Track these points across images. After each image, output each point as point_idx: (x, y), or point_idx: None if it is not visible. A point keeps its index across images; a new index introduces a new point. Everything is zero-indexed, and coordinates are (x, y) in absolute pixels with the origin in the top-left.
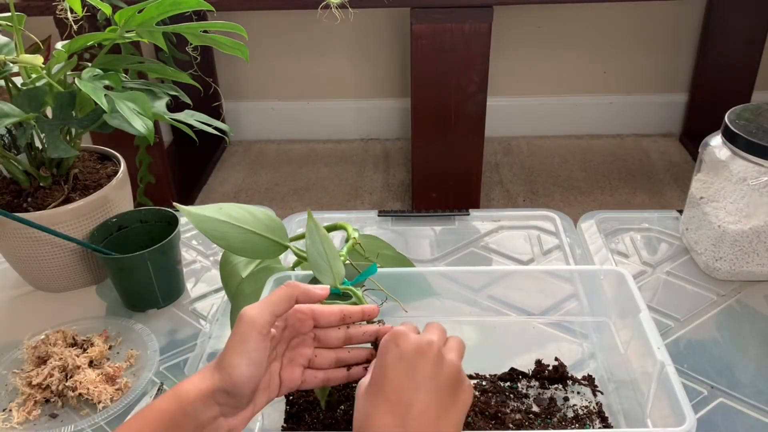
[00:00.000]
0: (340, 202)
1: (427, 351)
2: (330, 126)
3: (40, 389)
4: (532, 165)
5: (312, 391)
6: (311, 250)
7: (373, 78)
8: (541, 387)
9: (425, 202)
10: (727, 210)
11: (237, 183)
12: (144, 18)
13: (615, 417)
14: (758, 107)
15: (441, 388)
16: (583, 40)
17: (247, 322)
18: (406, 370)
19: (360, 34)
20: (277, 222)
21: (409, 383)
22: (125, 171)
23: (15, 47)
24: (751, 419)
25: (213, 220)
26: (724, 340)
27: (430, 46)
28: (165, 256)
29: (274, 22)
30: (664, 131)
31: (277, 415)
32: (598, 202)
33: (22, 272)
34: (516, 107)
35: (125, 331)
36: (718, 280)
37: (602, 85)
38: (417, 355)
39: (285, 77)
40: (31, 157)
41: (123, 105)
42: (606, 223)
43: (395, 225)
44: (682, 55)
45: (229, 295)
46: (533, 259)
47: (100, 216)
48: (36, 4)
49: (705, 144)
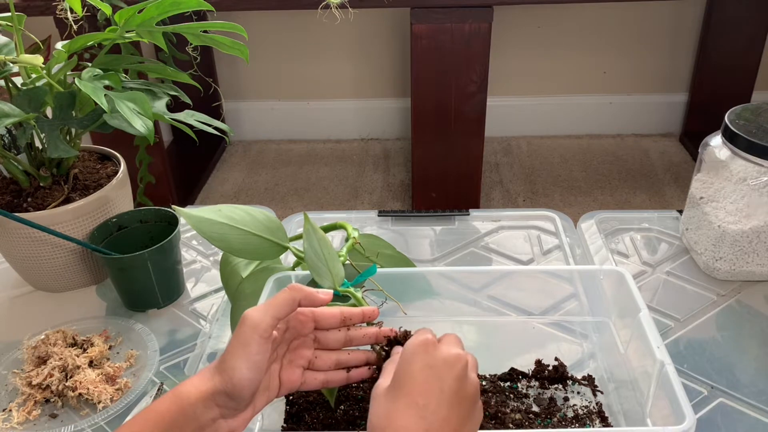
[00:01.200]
0: (340, 202)
1: (454, 365)
2: (330, 126)
3: (40, 389)
4: (532, 165)
5: (312, 391)
6: (309, 253)
7: (373, 78)
8: (541, 387)
9: (425, 202)
10: (727, 210)
11: (237, 183)
12: (144, 18)
13: (615, 417)
14: (758, 107)
15: (462, 402)
16: (583, 40)
17: (249, 325)
18: (434, 378)
19: (360, 34)
20: (276, 222)
21: (436, 392)
22: (125, 171)
23: (15, 47)
24: (751, 419)
25: (212, 222)
26: (724, 340)
27: (430, 46)
28: (165, 256)
29: (274, 22)
30: (664, 131)
31: (277, 415)
32: (598, 202)
33: (22, 272)
34: (516, 107)
35: (125, 331)
36: (718, 280)
37: (602, 85)
38: (445, 367)
39: (285, 77)
40: (31, 157)
41: (123, 105)
42: (606, 223)
43: (395, 225)
44: (682, 55)
45: (230, 295)
46: (533, 259)
47: (100, 216)
48: (36, 4)
49: (705, 144)
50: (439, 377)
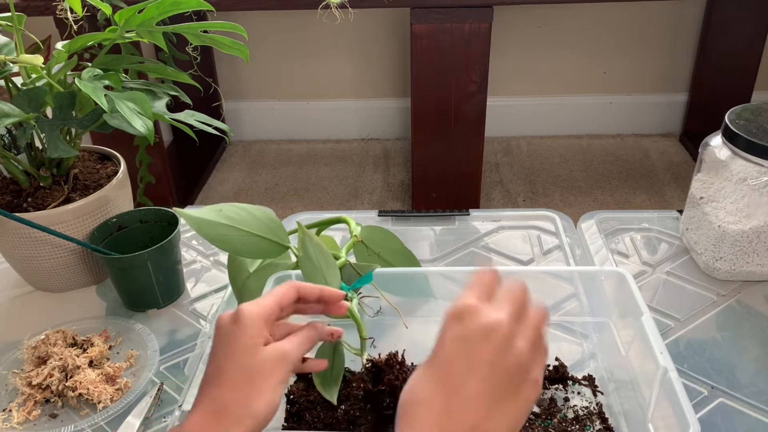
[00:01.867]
0: (340, 202)
1: (492, 334)
2: (330, 126)
3: (40, 389)
4: (532, 165)
5: (313, 390)
6: (305, 263)
7: (373, 78)
8: (542, 387)
9: (425, 202)
10: (727, 210)
11: (237, 183)
12: (144, 18)
13: (615, 417)
14: (758, 107)
15: (500, 376)
16: (583, 40)
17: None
18: (464, 351)
19: (360, 34)
20: (276, 222)
21: (464, 365)
22: (125, 171)
23: (15, 47)
24: (751, 419)
25: (212, 223)
26: (724, 340)
27: (430, 46)
28: (165, 256)
29: (274, 22)
30: (664, 131)
31: (278, 413)
32: (598, 202)
33: (22, 272)
34: (516, 107)
35: (125, 331)
36: (718, 280)
37: (602, 85)
38: (480, 337)
39: (285, 77)
40: (31, 157)
41: (123, 105)
42: (606, 223)
43: (395, 225)
44: (682, 55)
45: (236, 291)
46: (533, 259)
47: (100, 216)
48: (36, 4)
49: (705, 144)
50: (469, 350)
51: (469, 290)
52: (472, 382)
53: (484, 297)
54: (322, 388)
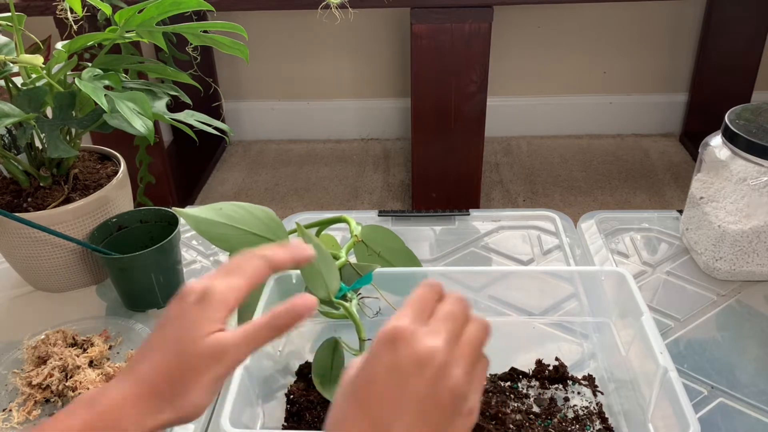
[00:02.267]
0: (340, 202)
1: (426, 365)
2: (330, 126)
3: (40, 389)
4: (532, 165)
5: (313, 390)
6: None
7: (373, 78)
8: (542, 387)
9: (425, 202)
10: (727, 210)
11: (237, 183)
12: (144, 18)
13: (615, 417)
14: (758, 107)
15: (434, 411)
16: (583, 40)
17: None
18: (397, 384)
19: (360, 34)
20: (276, 221)
21: (396, 401)
22: (125, 171)
23: (15, 47)
24: (751, 419)
25: (212, 222)
26: (724, 340)
27: (430, 46)
28: (165, 256)
29: (274, 22)
30: (664, 131)
31: (278, 413)
32: (598, 202)
33: (22, 272)
34: (516, 107)
35: (125, 331)
36: (718, 280)
37: (602, 85)
38: (414, 369)
39: (285, 77)
40: (31, 157)
41: (123, 105)
42: (606, 223)
43: (395, 225)
44: (682, 55)
45: None
46: (533, 259)
47: (100, 216)
48: (36, 4)
49: (705, 144)
50: (403, 383)
51: (405, 309)
52: (404, 421)
53: (420, 317)
54: (321, 388)
